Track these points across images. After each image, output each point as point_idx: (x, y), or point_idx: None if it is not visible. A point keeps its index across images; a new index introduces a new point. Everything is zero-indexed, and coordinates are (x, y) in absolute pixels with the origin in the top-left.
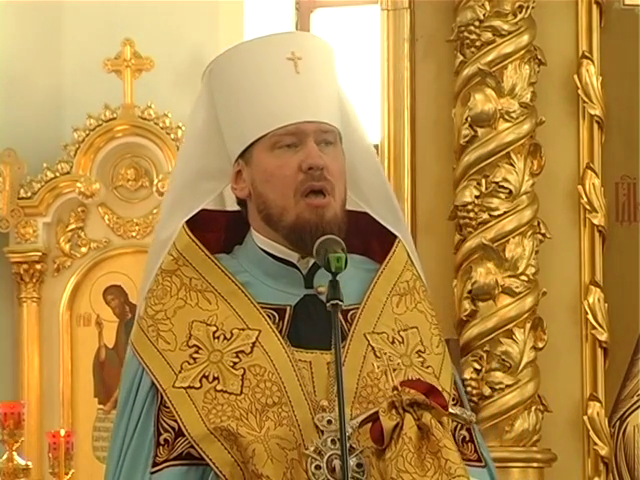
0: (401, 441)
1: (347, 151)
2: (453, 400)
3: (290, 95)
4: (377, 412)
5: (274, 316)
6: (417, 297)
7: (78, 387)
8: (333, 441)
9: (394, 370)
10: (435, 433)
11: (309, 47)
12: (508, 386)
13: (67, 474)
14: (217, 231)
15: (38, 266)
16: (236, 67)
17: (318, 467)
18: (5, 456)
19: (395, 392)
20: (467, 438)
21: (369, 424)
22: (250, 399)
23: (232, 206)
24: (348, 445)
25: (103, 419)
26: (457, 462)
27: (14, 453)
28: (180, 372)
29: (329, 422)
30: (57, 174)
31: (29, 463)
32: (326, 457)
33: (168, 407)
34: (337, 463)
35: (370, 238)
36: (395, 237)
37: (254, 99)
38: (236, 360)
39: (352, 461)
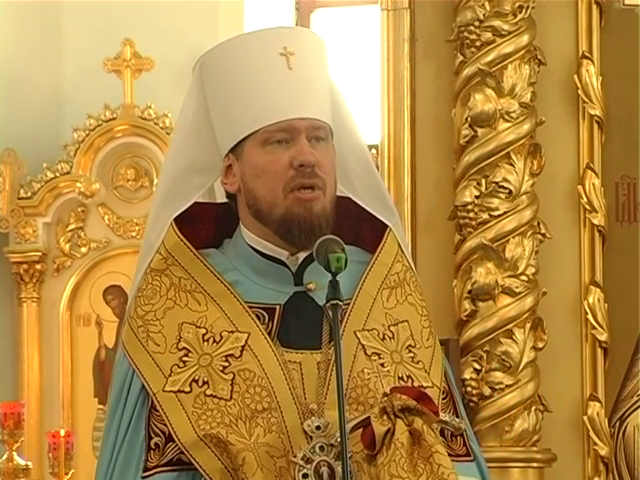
0: (393, 446)
1: (338, 145)
2: (443, 394)
3: (282, 91)
4: (368, 418)
5: (263, 316)
6: (408, 289)
7: (78, 387)
8: (322, 447)
9: (384, 377)
10: (427, 439)
11: (301, 42)
12: (508, 386)
13: (67, 474)
14: (207, 223)
15: (38, 266)
16: (228, 61)
17: (305, 475)
18: (5, 456)
19: (386, 398)
20: None
21: (360, 430)
22: (240, 405)
23: (222, 199)
24: (336, 451)
25: (103, 419)
26: (449, 467)
27: (14, 453)
28: (170, 375)
29: (318, 428)
30: (57, 174)
31: (29, 463)
32: (314, 464)
33: (158, 410)
34: (325, 470)
35: (360, 223)
36: (385, 225)
37: (246, 94)
38: (225, 364)
39: (339, 467)
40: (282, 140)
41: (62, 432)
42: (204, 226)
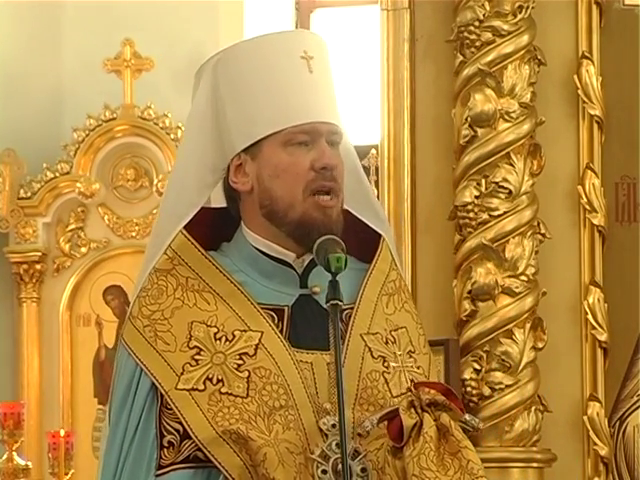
0: (422, 439)
1: None
2: None
3: (305, 94)
4: (396, 409)
5: (273, 317)
6: (403, 297)
7: (78, 387)
8: (338, 445)
9: (409, 371)
10: (455, 434)
11: (318, 47)
12: (508, 386)
13: (67, 474)
14: (202, 226)
15: (38, 266)
16: (248, 60)
17: (324, 472)
18: (5, 456)
19: (412, 392)
20: None
21: (375, 428)
22: (257, 402)
23: (216, 203)
24: (352, 449)
25: (103, 419)
26: (479, 463)
27: (14, 453)
28: (182, 374)
29: (333, 426)
30: (57, 174)
31: (29, 463)
32: (332, 461)
33: (170, 409)
34: (342, 468)
35: (348, 233)
36: (377, 235)
37: (267, 95)
38: (240, 362)
39: (356, 466)
40: (303, 142)
41: (62, 432)
42: (200, 228)
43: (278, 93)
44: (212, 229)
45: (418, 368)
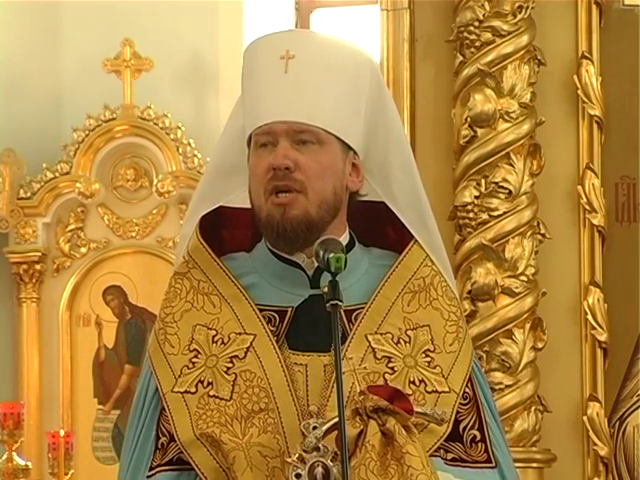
0: (364, 449)
1: (383, 149)
2: (465, 399)
3: (272, 95)
4: None
5: (274, 318)
6: (434, 294)
7: (78, 387)
8: (317, 448)
9: (360, 373)
10: (398, 439)
11: (307, 45)
12: (508, 386)
13: (67, 474)
14: (244, 228)
15: (38, 266)
16: (245, 60)
17: (299, 475)
18: (5, 456)
19: (361, 398)
20: (478, 438)
21: (335, 432)
22: (237, 405)
23: None
24: (333, 451)
25: (102, 419)
26: (419, 469)
27: (14, 453)
28: (180, 376)
29: (315, 429)
30: (57, 174)
31: (29, 463)
32: (309, 464)
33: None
34: (319, 471)
35: (404, 228)
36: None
37: (248, 97)
38: (229, 365)
39: (336, 468)
40: (267, 143)
41: (62, 432)
42: (241, 230)
43: (251, 96)
44: (253, 229)
45: (434, 368)
